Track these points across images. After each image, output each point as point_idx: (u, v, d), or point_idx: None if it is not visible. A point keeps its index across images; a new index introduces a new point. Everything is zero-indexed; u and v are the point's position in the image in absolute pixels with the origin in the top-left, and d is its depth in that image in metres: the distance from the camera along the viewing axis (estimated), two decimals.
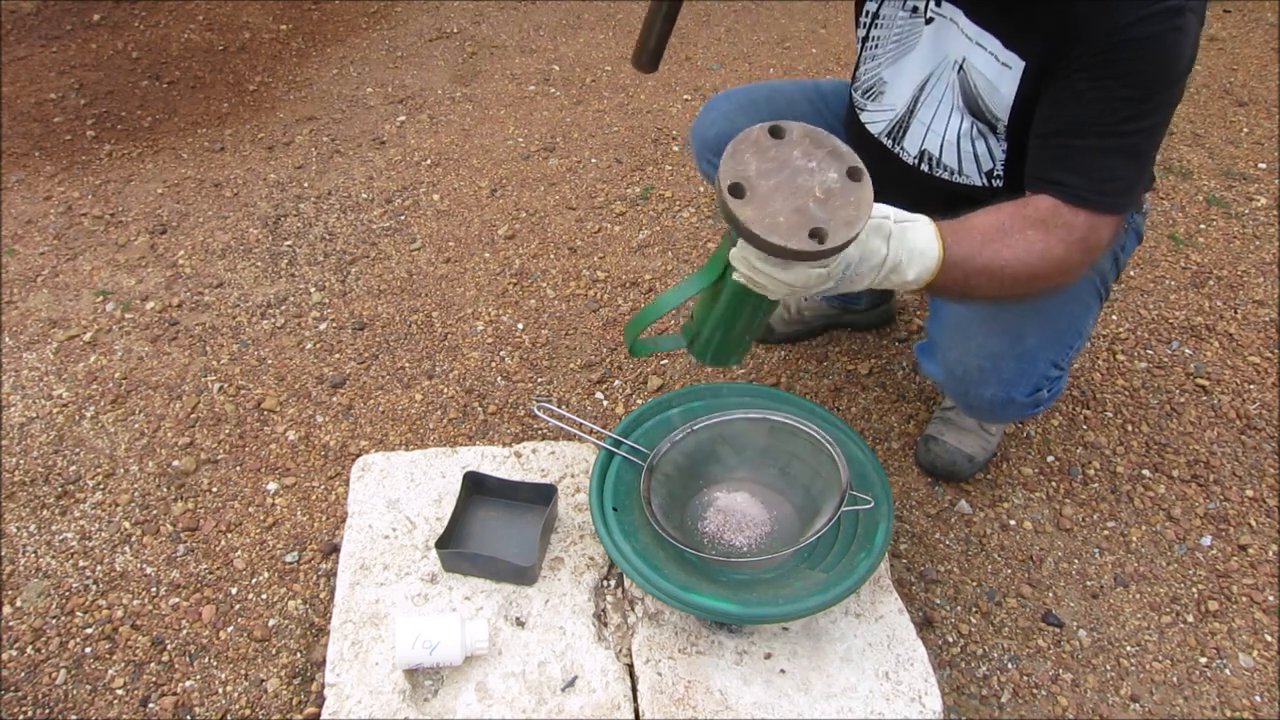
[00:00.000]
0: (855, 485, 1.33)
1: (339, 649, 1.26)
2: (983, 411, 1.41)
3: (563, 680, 1.22)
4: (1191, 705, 1.41)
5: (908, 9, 1.34)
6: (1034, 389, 1.36)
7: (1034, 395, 1.37)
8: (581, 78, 3.07)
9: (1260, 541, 1.63)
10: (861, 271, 1.03)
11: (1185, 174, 2.54)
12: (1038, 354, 1.33)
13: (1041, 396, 1.38)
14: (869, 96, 1.46)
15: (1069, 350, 1.39)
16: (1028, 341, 1.32)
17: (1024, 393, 1.35)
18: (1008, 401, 1.36)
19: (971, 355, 1.34)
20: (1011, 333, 1.32)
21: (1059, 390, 1.42)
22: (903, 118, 1.41)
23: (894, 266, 1.04)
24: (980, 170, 1.37)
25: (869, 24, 1.41)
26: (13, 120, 2.81)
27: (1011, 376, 1.33)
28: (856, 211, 0.94)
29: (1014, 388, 1.34)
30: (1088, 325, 1.42)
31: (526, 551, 1.36)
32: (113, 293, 2.18)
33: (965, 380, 1.37)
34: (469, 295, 2.17)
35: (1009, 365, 1.33)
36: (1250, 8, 3.42)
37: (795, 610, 1.19)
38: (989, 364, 1.33)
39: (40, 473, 1.75)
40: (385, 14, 3.47)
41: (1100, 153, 1.14)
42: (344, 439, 1.82)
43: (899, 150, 1.44)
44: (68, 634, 1.50)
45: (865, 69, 1.45)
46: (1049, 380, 1.37)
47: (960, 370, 1.36)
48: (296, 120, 2.85)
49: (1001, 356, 1.32)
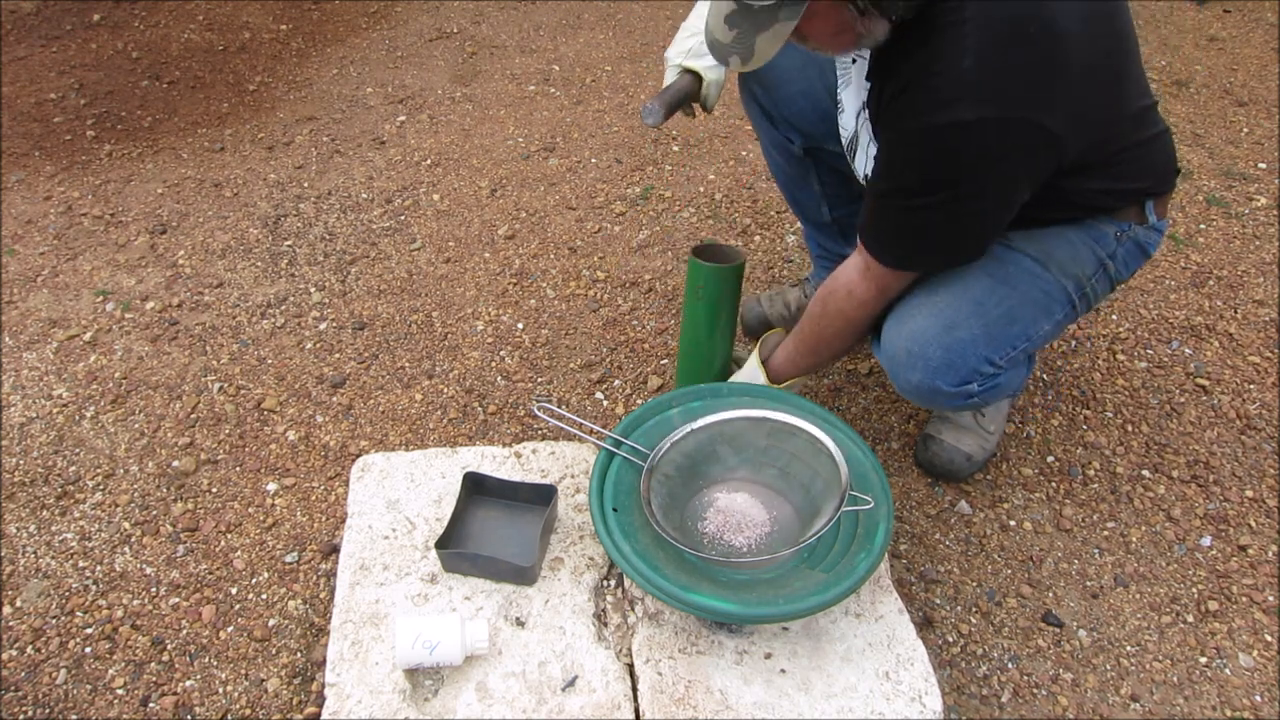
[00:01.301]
0: (855, 485, 1.33)
1: (339, 649, 1.26)
2: (911, 395, 1.43)
3: (563, 680, 1.22)
4: (1191, 705, 1.41)
5: None
6: (961, 381, 1.37)
7: (961, 387, 1.38)
8: (581, 78, 3.07)
9: (1260, 542, 1.63)
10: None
11: (1185, 174, 2.54)
12: (967, 347, 1.34)
13: (971, 389, 1.39)
14: (837, 108, 1.51)
15: (1009, 350, 1.39)
16: (958, 333, 1.34)
17: (949, 383, 1.36)
18: (933, 390, 1.37)
19: (902, 339, 1.36)
20: (944, 321, 1.34)
21: (998, 388, 1.42)
22: (853, 138, 1.46)
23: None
24: None
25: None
26: (13, 120, 2.81)
27: (937, 365, 1.34)
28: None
29: (939, 376, 1.35)
30: (1043, 330, 1.42)
31: (526, 551, 1.36)
32: (113, 293, 2.18)
33: (894, 361, 1.39)
34: (469, 295, 2.17)
35: (935, 353, 1.34)
36: (1250, 8, 3.42)
37: (795, 610, 1.19)
38: (916, 348, 1.35)
39: (40, 473, 1.75)
40: (385, 14, 3.47)
41: (870, 207, 1.33)
42: (344, 439, 1.82)
43: (853, 168, 1.49)
44: (68, 634, 1.50)
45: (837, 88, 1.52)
46: (981, 375, 1.38)
47: (891, 350, 1.39)
48: (296, 120, 2.85)
49: (929, 343, 1.34)
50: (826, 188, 1.75)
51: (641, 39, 3.30)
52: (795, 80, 1.59)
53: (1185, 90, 2.92)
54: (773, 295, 2.01)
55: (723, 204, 2.44)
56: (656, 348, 2.01)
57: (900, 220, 1.30)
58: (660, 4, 3.53)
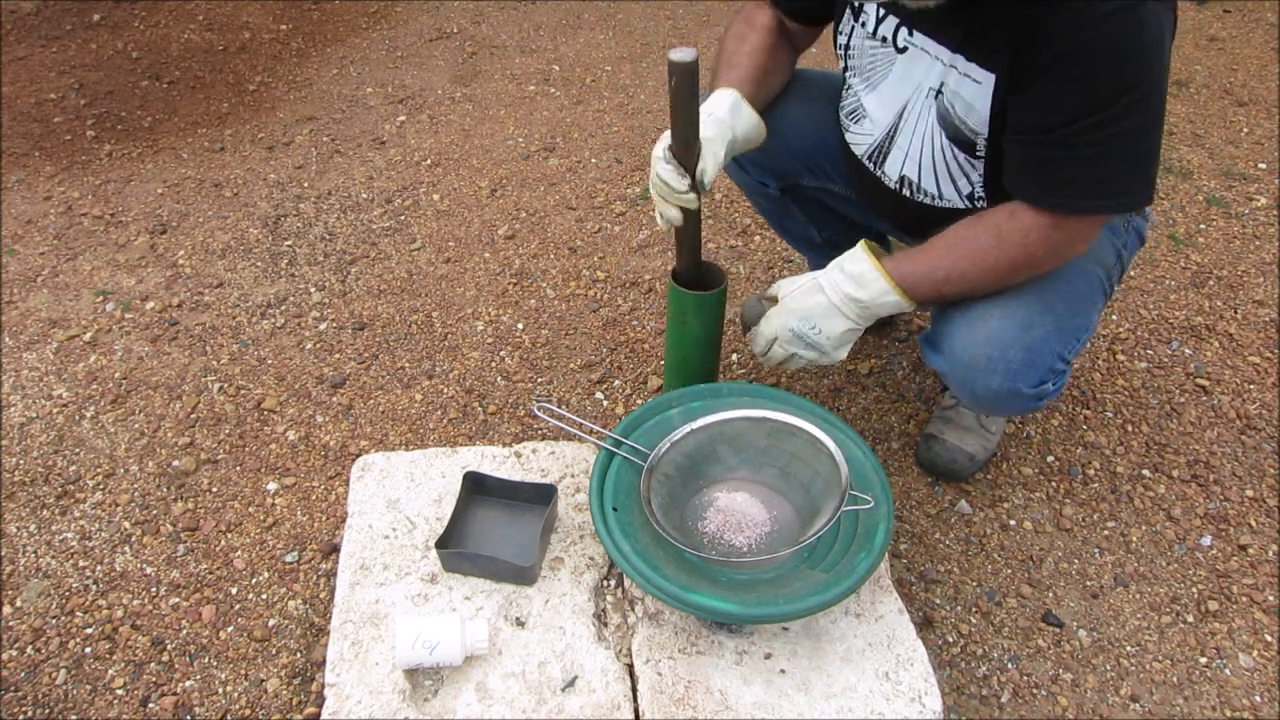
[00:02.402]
0: (855, 485, 1.33)
1: (339, 649, 1.26)
2: (987, 403, 1.38)
3: (563, 680, 1.22)
4: (1191, 705, 1.41)
5: (877, 39, 1.36)
6: (1039, 381, 1.33)
7: (1039, 388, 1.34)
8: (581, 78, 3.07)
9: (1260, 541, 1.63)
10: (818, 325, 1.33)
11: (1185, 174, 2.54)
12: (1045, 345, 1.31)
13: (1046, 390, 1.36)
14: (852, 119, 1.49)
15: (1075, 344, 1.37)
16: (1035, 332, 1.30)
17: (1029, 384, 1.32)
18: (1013, 393, 1.33)
19: (979, 344, 1.31)
20: (1020, 322, 1.30)
21: (1062, 386, 1.40)
22: (882, 142, 1.44)
23: (843, 299, 1.32)
24: (960, 194, 1.39)
25: (844, 55, 1.45)
26: (13, 120, 2.81)
27: (1019, 367, 1.30)
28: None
29: (1020, 378, 1.31)
30: (1093, 320, 1.40)
31: (526, 551, 1.36)
32: (113, 293, 2.18)
33: (971, 369, 1.33)
34: (469, 295, 2.17)
35: (1016, 355, 1.30)
36: (1250, 8, 3.42)
37: (795, 610, 1.19)
38: (996, 353, 1.30)
39: (40, 473, 1.75)
40: (385, 14, 3.47)
41: (1054, 159, 1.19)
42: (344, 439, 1.82)
43: (880, 174, 1.47)
44: (68, 634, 1.50)
45: (846, 94, 1.49)
46: (1054, 374, 1.35)
47: (966, 358, 1.33)
48: (296, 120, 2.85)
49: (1009, 345, 1.30)
50: (811, 215, 1.75)
51: (641, 39, 3.30)
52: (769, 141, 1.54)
53: (1185, 90, 2.92)
54: None
55: (722, 204, 2.44)
56: (656, 348, 2.01)
57: (1095, 148, 1.16)
58: (660, 4, 3.53)
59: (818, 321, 1.35)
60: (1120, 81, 1.12)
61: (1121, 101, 1.13)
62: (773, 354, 1.42)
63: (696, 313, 1.49)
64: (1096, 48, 1.10)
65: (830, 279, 1.34)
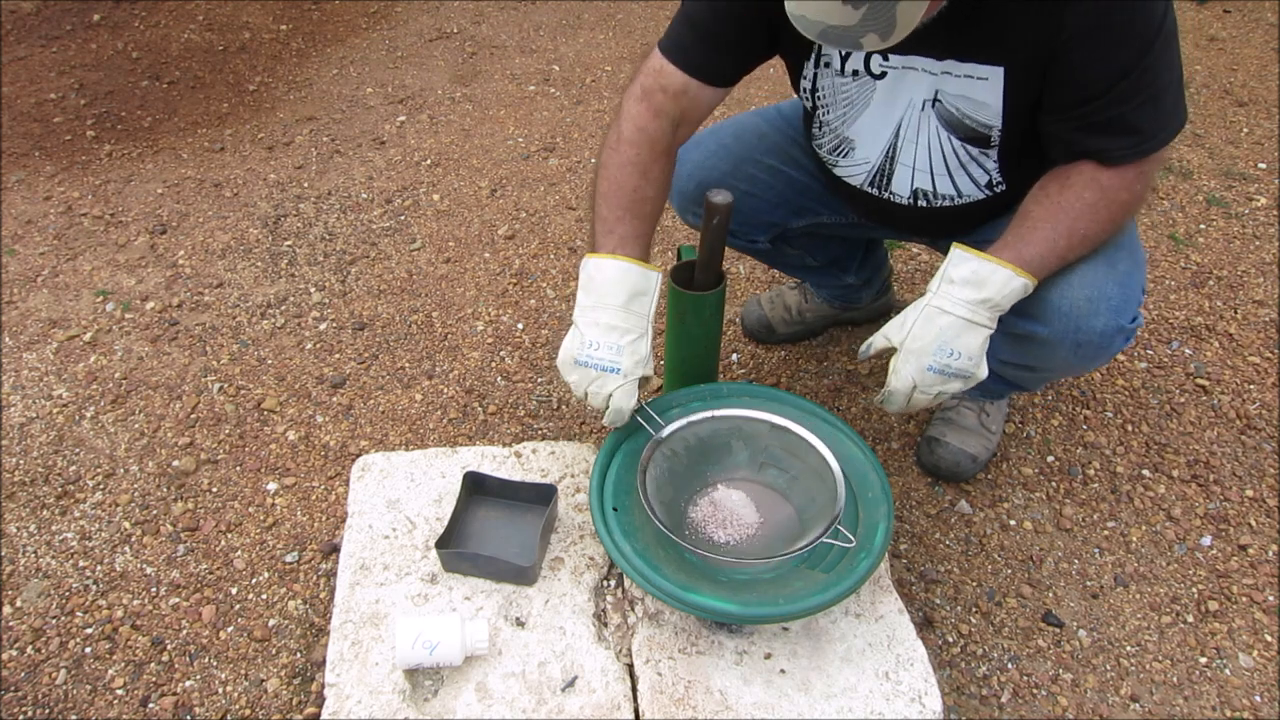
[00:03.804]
0: (855, 485, 1.33)
1: (339, 649, 1.26)
2: (1090, 350, 1.36)
3: (563, 680, 1.22)
4: (1191, 705, 1.41)
5: (848, 74, 1.36)
6: (1133, 316, 1.36)
7: (1133, 324, 1.37)
8: (581, 78, 3.07)
9: (1260, 541, 1.63)
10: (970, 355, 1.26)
11: (1185, 174, 2.54)
12: (1131, 278, 1.35)
13: (1135, 326, 1.38)
14: (838, 154, 1.48)
15: (1145, 278, 1.41)
16: (1121, 267, 1.34)
17: (1127, 318, 1.35)
18: (1117, 330, 1.34)
19: (1075, 291, 1.32)
20: (1105, 261, 1.33)
21: (1140, 324, 1.43)
22: (882, 166, 1.44)
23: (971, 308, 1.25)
24: (979, 185, 1.41)
25: (810, 95, 1.43)
26: (13, 120, 2.81)
27: (1118, 302, 1.32)
28: None
29: (1121, 313, 1.33)
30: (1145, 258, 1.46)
31: (526, 551, 1.36)
32: (113, 293, 2.18)
33: (1074, 316, 1.32)
34: (469, 295, 2.17)
35: (1113, 290, 1.32)
36: (1250, 8, 3.42)
37: (795, 610, 1.19)
38: (1096, 292, 1.32)
39: (40, 473, 1.75)
40: (385, 14, 3.47)
41: (1114, 118, 1.23)
42: (344, 439, 1.82)
43: (888, 195, 1.47)
44: (68, 634, 1.50)
45: (823, 132, 1.47)
46: (1135, 314, 1.38)
47: (1068, 307, 1.32)
48: (296, 120, 2.85)
49: (1103, 283, 1.32)
50: (804, 247, 1.76)
51: (641, 39, 3.30)
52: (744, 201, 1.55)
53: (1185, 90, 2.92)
54: (773, 296, 2.01)
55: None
56: (656, 348, 2.00)
57: (1147, 91, 1.22)
58: (660, 4, 3.53)
59: (952, 345, 1.25)
60: (1151, 24, 1.17)
61: (1156, 44, 1.18)
62: (915, 402, 1.30)
63: (696, 313, 1.49)
64: (1126, 2, 1.15)
65: (945, 296, 1.26)
